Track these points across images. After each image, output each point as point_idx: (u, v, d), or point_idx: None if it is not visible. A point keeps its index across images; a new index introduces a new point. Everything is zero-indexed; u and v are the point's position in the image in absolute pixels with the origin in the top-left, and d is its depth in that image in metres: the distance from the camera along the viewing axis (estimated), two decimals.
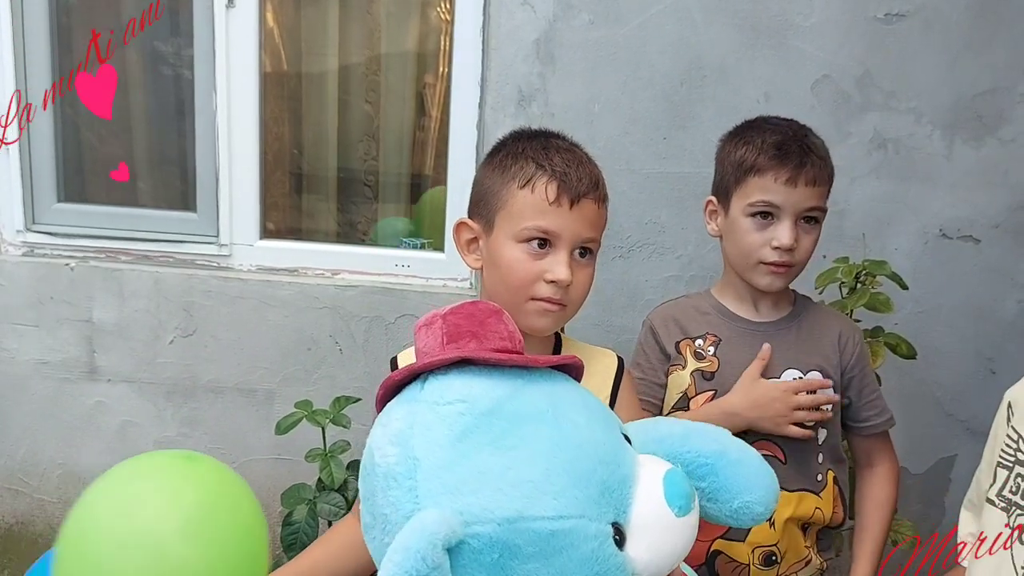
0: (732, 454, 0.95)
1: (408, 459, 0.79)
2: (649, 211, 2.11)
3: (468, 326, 0.88)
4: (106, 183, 2.43)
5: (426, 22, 2.41)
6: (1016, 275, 2.13)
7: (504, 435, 0.78)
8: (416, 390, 0.85)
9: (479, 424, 0.79)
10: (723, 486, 0.93)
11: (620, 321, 2.12)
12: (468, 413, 0.80)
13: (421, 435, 0.80)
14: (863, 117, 2.06)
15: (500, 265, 1.20)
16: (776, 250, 1.41)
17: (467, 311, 0.90)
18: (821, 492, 1.49)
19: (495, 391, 0.82)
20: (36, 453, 2.33)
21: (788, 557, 1.48)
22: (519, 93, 2.08)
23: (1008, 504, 1.06)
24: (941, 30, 2.02)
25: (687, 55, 2.05)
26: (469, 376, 0.84)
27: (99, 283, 2.23)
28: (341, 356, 2.23)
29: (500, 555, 0.73)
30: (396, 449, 0.81)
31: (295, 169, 2.51)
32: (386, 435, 0.83)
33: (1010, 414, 1.12)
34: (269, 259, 2.29)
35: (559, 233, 1.16)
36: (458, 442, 0.78)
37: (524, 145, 1.22)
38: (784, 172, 1.39)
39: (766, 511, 0.96)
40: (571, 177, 1.16)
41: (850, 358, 1.52)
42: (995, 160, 2.08)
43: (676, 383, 1.52)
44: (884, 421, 1.56)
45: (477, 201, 1.26)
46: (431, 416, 0.81)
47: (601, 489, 0.79)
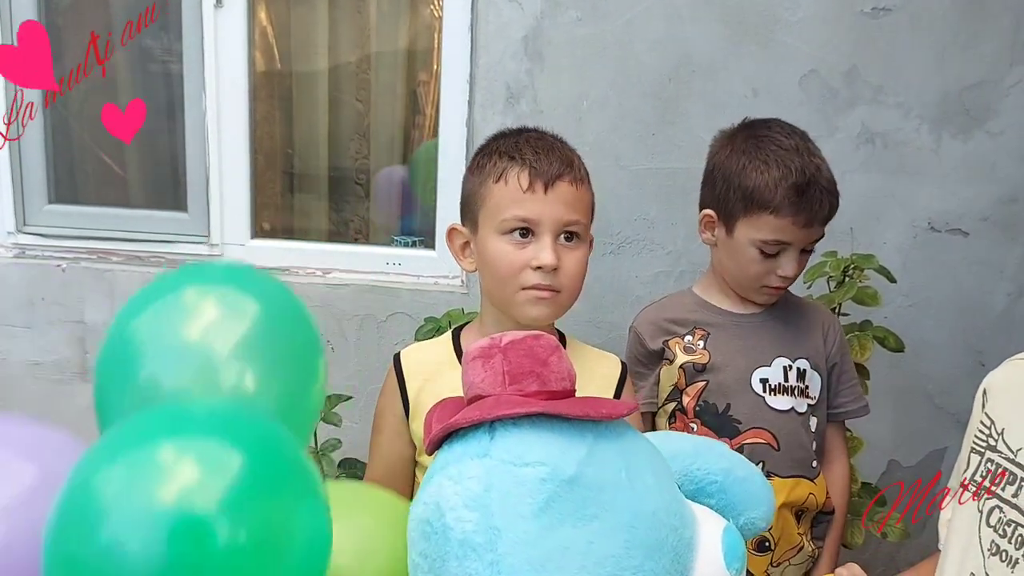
0: (739, 472, 0.97)
1: (489, 529, 0.76)
2: (638, 207, 2.12)
3: (531, 366, 0.83)
4: (97, 184, 2.43)
5: (416, 20, 2.42)
6: (1004, 268, 2.14)
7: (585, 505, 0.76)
8: (484, 441, 0.80)
9: (562, 494, 0.76)
10: (731, 503, 0.94)
11: (610, 317, 2.13)
12: (550, 480, 0.76)
13: (501, 502, 0.76)
14: (851, 111, 2.07)
15: (488, 261, 1.22)
16: (779, 277, 1.44)
17: (528, 347, 0.84)
18: (815, 479, 1.51)
19: (574, 452, 0.78)
20: None
21: (781, 544, 1.49)
22: (508, 90, 2.09)
23: (978, 488, 1.08)
24: (928, 24, 2.03)
25: (675, 51, 2.05)
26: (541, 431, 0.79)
27: (91, 284, 2.23)
28: (333, 354, 2.23)
29: None
30: (474, 515, 0.77)
31: (286, 168, 2.51)
32: (460, 496, 0.78)
33: (984, 400, 1.13)
34: (260, 258, 2.29)
35: (538, 219, 1.18)
36: (542, 513, 0.75)
37: (497, 143, 1.25)
38: (802, 218, 1.40)
39: (766, 525, 1.00)
40: (542, 162, 1.18)
41: (832, 346, 1.55)
42: (983, 153, 2.08)
43: (666, 376, 1.53)
44: (858, 408, 1.59)
45: (463, 205, 1.29)
46: (510, 480, 0.77)
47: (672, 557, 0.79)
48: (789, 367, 1.50)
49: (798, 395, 1.50)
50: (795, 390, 1.50)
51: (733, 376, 1.49)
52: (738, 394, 1.48)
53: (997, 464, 1.06)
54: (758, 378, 1.49)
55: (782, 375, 1.49)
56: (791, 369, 1.50)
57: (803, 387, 1.51)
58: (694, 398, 1.50)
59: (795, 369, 1.50)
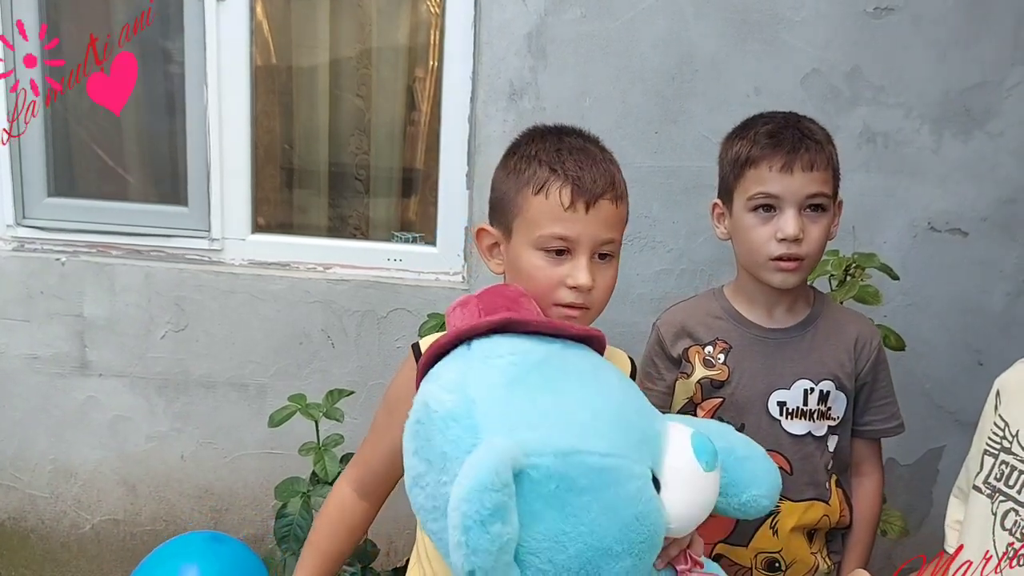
0: (739, 451, 1.00)
1: (465, 400, 0.85)
2: (640, 205, 2.12)
3: (503, 303, 0.95)
4: (97, 177, 2.42)
5: (417, 16, 2.41)
6: (1004, 267, 2.15)
7: (554, 381, 0.86)
8: (463, 351, 0.91)
9: (531, 372, 0.86)
10: (731, 481, 0.97)
11: (611, 315, 2.09)
12: (520, 364, 0.87)
13: (476, 380, 0.86)
14: (852, 111, 2.07)
15: (521, 272, 1.17)
16: (783, 242, 1.35)
17: (499, 291, 0.97)
18: (829, 499, 1.47)
19: (541, 348, 0.90)
20: (27, 448, 2.32)
21: (796, 567, 1.47)
22: (510, 87, 2.09)
23: (992, 491, 1.08)
24: (930, 25, 2.03)
25: (678, 49, 2.05)
26: (513, 338, 0.91)
27: (90, 278, 2.23)
28: (333, 350, 2.23)
29: (557, 486, 0.78)
30: (453, 395, 0.86)
31: (286, 163, 2.51)
32: (440, 386, 0.88)
33: (998, 402, 1.14)
34: (261, 253, 2.28)
35: (576, 239, 1.13)
36: (512, 384, 0.85)
37: (537, 147, 1.19)
38: (778, 159, 1.35)
39: (771, 504, 1.01)
40: (585, 179, 1.14)
41: (865, 363, 1.47)
42: (983, 154, 2.09)
43: (682, 389, 1.50)
44: (888, 428, 1.52)
45: (495, 207, 1.24)
46: (484, 367, 0.88)
47: (641, 437, 0.85)
48: (811, 390, 1.44)
49: (817, 418, 1.45)
50: (814, 414, 1.44)
51: (750, 397, 1.44)
52: (753, 415, 1.44)
53: (1012, 466, 1.05)
54: (776, 401, 1.44)
55: (801, 399, 1.44)
56: (812, 392, 1.44)
57: (824, 409, 1.45)
58: (709, 413, 1.46)
59: (817, 392, 1.44)
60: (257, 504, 2.31)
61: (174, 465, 2.32)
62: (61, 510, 2.36)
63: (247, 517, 2.33)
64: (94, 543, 2.38)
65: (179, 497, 2.34)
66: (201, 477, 2.32)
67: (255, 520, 2.32)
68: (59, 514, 2.36)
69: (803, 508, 1.45)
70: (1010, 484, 1.05)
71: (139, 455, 2.31)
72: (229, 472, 2.31)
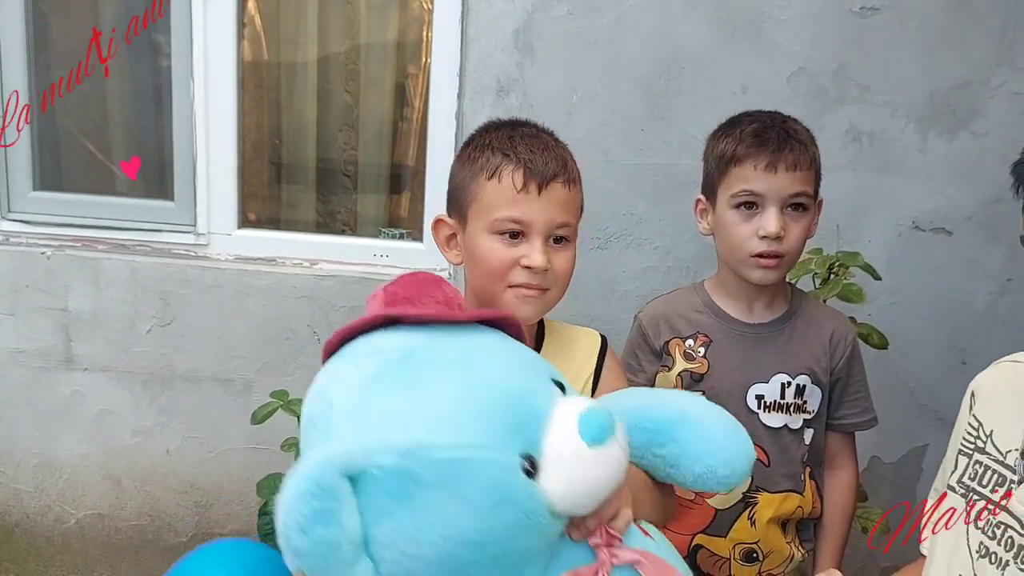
0: (691, 418, 0.96)
1: (323, 402, 0.85)
2: (626, 202, 2.12)
3: (405, 293, 0.93)
4: (82, 171, 2.42)
5: (406, 12, 2.41)
6: (988, 267, 2.16)
7: (410, 379, 0.83)
8: (343, 350, 0.91)
9: (388, 370, 0.84)
10: (683, 452, 0.94)
11: (597, 312, 2.13)
12: (380, 363, 0.85)
13: (335, 384, 0.86)
14: (838, 110, 2.08)
15: (476, 257, 1.20)
16: (764, 240, 1.38)
17: (407, 281, 0.95)
18: (804, 491, 1.51)
19: (408, 343, 0.87)
20: (12, 442, 2.32)
21: (772, 557, 1.50)
22: (498, 83, 2.08)
23: (967, 491, 1.08)
24: (916, 24, 2.04)
25: (665, 47, 2.06)
26: (392, 332, 0.89)
27: (75, 272, 2.22)
28: (319, 346, 2.21)
29: (402, 483, 0.77)
30: (316, 399, 0.87)
31: (274, 158, 2.50)
32: (312, 390, 0.89)
33: (972, 402, 1.14)
34: (247, 248, 2.28)
35: (530, 222, 1.16)
36: (367, 384, 0.83)
37: (491, 136, 1.22)
38: (763, 158, 1.38)
39: (733, 475, 0.95)
40: (537, 162, 1.16)
41: (840, 359, 1.51)
42: (968, 154, 2.10)
43: (662, 383, 1.52)
44: (862, 421, 1.55)
45: (451, 197, 1.26)
46: (347, 368, 0.87)
47: (508, 423, 0.82)
48: (788, 383, 1.47)
49: (793, 412, 1.48)
50: (791, 407, 1.48)
51: (729, 390, 1.47)
52: (732, 408, 1.40)
53: (985, 466, 1.06)
54: (754, 394, 1.47)
55: (779, 392, 1.47)
56: (789, 386, 1.48)
57: (800, 403, 1.49)
58: None
59: (794, 385, 1.48)
60: (242, 499, 2.31)
61: (159, 460, 2.31)
62: (45, 504, 2.35)
63: (232, 512, 2.33)
64: (78, 537, 2.37)
65: (164, 492, 2.33)
66: (186, 472, 2.32)
67: (240, 515, 2.32)
68: (43, 508, 2.36)
69: (780, 499, 1.48)
70: (983, 484, 1.05)
71: (124, 449, 2.31)
72: (214, 467, 2.31)
